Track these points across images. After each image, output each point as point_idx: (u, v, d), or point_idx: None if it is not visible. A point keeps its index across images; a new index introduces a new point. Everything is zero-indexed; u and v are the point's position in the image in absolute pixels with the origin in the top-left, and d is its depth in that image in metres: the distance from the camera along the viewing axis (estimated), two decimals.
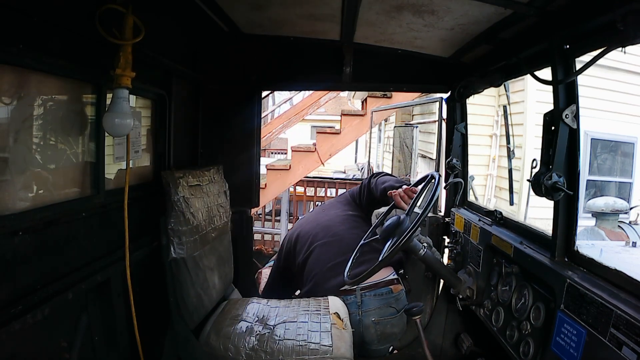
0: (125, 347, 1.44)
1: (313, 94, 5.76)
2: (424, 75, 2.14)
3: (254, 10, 1.68)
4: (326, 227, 2.07)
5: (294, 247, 2.13)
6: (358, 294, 1.85)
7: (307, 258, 2.03)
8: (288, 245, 2.19)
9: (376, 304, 1.85)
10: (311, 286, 1.97)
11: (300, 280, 2.07)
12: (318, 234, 2.05)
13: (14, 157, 1.04)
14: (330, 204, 2.35)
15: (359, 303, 1.85)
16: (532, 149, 4.84)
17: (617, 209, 3.79)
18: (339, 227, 2.06)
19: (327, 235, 2.02)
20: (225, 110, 2.14)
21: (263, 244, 5.90)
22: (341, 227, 2.05)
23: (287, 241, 2.22)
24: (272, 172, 5.00)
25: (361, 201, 2.24)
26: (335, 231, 2.04)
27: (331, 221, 2.12)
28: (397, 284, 1.93)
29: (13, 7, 0.94)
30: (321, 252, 1.99)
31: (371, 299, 1.85)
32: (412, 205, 1.70)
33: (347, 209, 2.20)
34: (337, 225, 2.07)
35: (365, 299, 1.85)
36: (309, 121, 11.98)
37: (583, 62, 1.12)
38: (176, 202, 1.51)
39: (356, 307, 1.85)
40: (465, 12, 1.40)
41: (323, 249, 1.99)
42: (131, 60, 1.23)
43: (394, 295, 1.88)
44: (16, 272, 0.99)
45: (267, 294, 2.24)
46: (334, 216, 2.15)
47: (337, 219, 2.12)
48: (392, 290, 1.87)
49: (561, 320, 1.12)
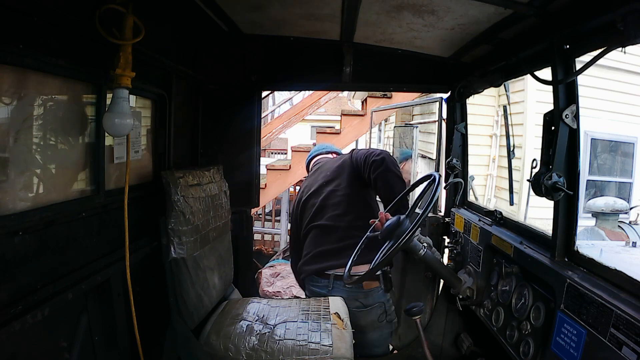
0: (125, 347, 1.44)
1: (313, 94, 5.76)
2: (424, 75, 2.14)
3: (254, 10, 1.68)
4: (323, 207, 2.05)
5: (300, 217, 2.18)
6: (331, 280, 1.91)
7: (306, 236, 2.08)
8: (295, 213, 2.25)
9: (343, 294, 1.88)
10: (302, 263, 2.04)
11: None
12: (317, 215, 2.06)
13: (14, 157, 1.04)
14: (336, 169, 2.16)
15: (330, 288, 1.91)
16: (532, 149, 4.84)
17: (617, 209, 3.79)
18: (334, 210, 2.02)
19: (322, 218, 2.03)
20: (225, 110, 2.14)
21: (263, 244, 5.91)
22: (336, 211, 2.02)
23: (294, 209, 2.27)
24: (272, 172, 5.00)
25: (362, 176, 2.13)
26: (330, 215, 2.02)
27: (330, 199, 2.07)
28: (370, 280, 1.91)
29: (13, 7, 0.93)
30: (315, 235, 2.03)
31: (340, 288, 1.89)
32: (412, 207, 1.70)
33: (347, 182, 2.09)
34: (333, 207, 2.03)
35: (335, 286, 1.90)
36: (309, 121, 11.98)
37: (583, 62, 1.12)
38: (176, 202, 1.51)
39: (326, 290, 1.92)
40: (465, 12, 1.40)
41: (316, 232, 2.02)
42: (131, 60, 1.23)
43: (364, 291, 1.88)
44: (16, 272, 0.99)
45: (289, 257, 2.30)
46: (333, 193, 2.08)
47: (335, 198, 2.06)
48: (362, 286, 1.87)
49: (561, 320, 1.12)
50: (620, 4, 0.93)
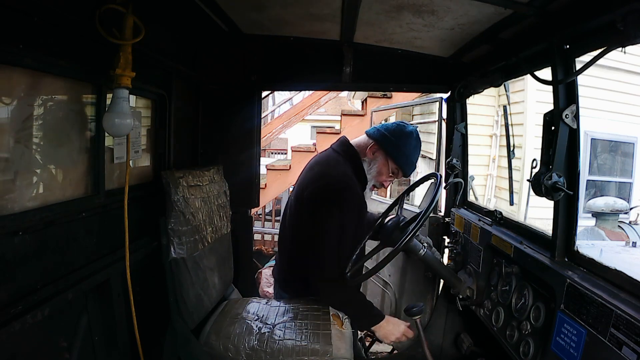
0: (125, 347, 1.44)
1: (313, 94, 5.76)
2: (424, 75, 2.14)
3: (254, 10, 1.68)
4: (285, 212, 1.95)
5: (282, 218, 2.10)
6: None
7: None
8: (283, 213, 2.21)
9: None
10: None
11: None
12: (283, 219, 1.98)
13: (14, 157, 1.04)
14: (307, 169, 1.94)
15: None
16: (532, 149, 4.84)
17: (617, 209, 3.79)
18: (289, 218, 1.92)
19: (284, 225, 1.95)
20: (225, 110, 2.14)
21: (263, 244, 5.90)
22: (289, 220, 1.92)
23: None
24: (272, 172, 5.00)
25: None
26: (285, 224, 1.93)
27: (288, 207, 1.98)
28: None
29: (13, 7, 0.93)
30: (279, 244, 2.00)
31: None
32: (401, 204, 1.74)
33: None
34: (288, 215, 1.93)
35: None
36: (309, 121, 11.97)
37: (583, 62, 1.12)
38: (176, 202, 1.51)
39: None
40: (465, 12, 1.40)
41: (279, 240, 1.99)
42: (131, 60, 1.23)
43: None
44: (16, 272, 0.99)
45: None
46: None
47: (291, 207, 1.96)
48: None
49: (561, 320, 1.12)
50: (620, 4, 0.93)
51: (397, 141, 1.74)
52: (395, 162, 1.76)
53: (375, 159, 1.77)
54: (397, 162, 1.76)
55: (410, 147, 1.75)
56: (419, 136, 1.80)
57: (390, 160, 1.76)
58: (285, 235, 1.88)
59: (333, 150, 1.83)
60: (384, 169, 1.77)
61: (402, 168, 1.77)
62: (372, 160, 1.77)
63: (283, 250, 1.92)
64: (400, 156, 1.75)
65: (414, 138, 1.77)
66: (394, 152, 1.74)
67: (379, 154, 1.76)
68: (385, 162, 1.77)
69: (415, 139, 1.77)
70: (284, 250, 1.91)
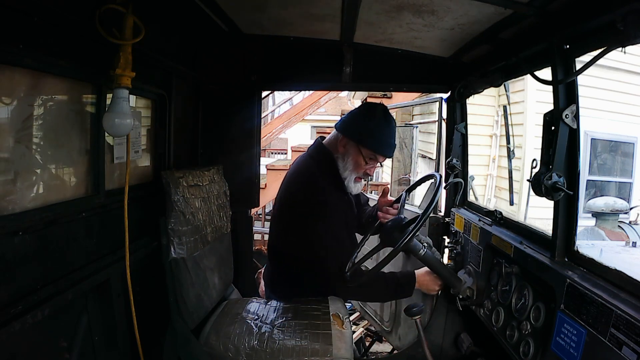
0: (125, 347, 1.44)
1: (313, 94, 5.77)
2: (424, 75, 2.14)
3: (254, 10, 1.68)
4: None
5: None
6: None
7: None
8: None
9: None
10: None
11: None
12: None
13: (14, 157, 1.04)
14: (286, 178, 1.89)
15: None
16: (532, 149, 4.85)
17: (617, 209, 3.79)
18: (272, 223, 1.93)
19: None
20: (225, 110, 2.14)
21: (263, 244, 5.89)
22: (272, 226, 1.94)
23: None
24: (272, 172, 5.01)
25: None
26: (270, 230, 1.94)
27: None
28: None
29: (13, 7, 0.94)
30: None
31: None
32: (402, 205, 1.73)
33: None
34: (273, 220, 1.93)
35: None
36: (309, 121, 11.96)
37: (583, 62, 1.12)
38: (176, 202, 1.51)
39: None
40: (465, 12, 1.40)
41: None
42: (131, 60, 1.23)
43: None
44: (16, 272, 0.99)
45: None
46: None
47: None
48: None
49: (561, 320, 1.12)
50: (620, 4, 0.93)
51: (362, 125, 1.62)
52: (367, 148, 1.64)
53: (347, 152, 1.67)
54: (369, 147, 1.64)
55: (378, 127, 1.63)
56: (386, 110, 1.67)
57: (362, 147, 1.64)
58: (271, 241, 1.89)
59: (308, 156, 1.77)
60: (359, 159, 1.66)
61: (377, 151, 1.65)
62: (344, 155, 1.67)
63: (271, 255, 1.90)
64: (370, 139, 1.62)
65: (380, 116, 1.64)
66: (362, 138, 1.63)
67: (349, 146, 1.66)
68: (358, 152, 1.65)
69: (382, 116, 1.64)
70: (272, 256, 1.90)
